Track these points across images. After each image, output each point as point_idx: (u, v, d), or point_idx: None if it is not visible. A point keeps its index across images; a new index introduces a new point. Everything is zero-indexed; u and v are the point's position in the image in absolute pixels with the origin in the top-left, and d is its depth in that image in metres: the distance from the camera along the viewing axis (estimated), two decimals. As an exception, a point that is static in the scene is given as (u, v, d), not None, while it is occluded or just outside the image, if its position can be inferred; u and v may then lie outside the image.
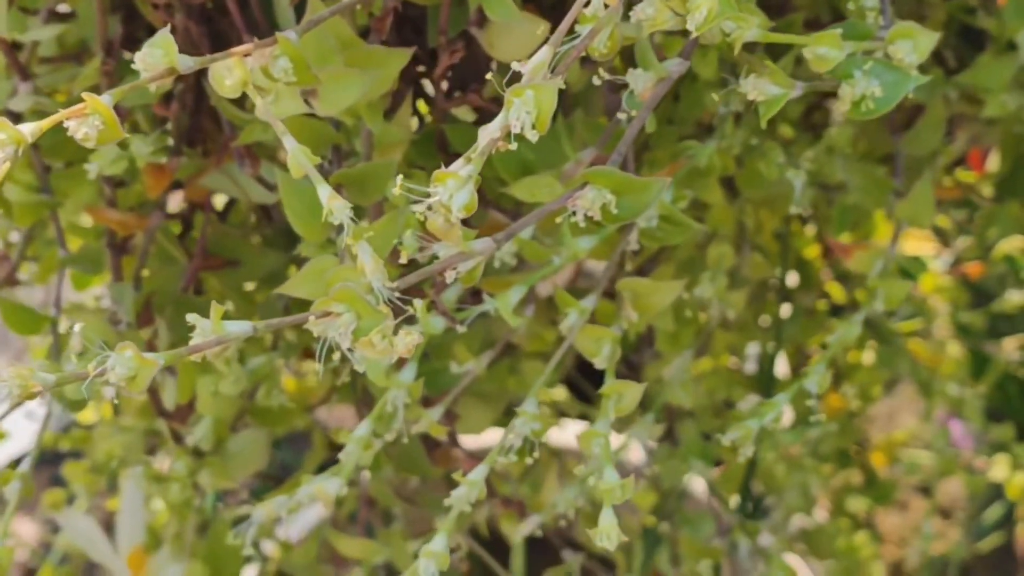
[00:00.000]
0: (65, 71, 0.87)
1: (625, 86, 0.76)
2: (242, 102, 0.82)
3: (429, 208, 0.62)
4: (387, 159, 0.80)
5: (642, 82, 0.70)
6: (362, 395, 1.02)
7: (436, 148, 0.86)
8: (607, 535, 0.71)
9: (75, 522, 1.16)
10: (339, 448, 1.10)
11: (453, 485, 0.75)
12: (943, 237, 1.37)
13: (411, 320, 0.81)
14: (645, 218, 0.80)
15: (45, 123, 0.58)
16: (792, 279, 1.30)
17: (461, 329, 0.79)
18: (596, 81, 0.70)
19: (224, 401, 0.87)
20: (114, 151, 0.81)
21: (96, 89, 0.81)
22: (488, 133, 0.60)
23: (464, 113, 0.91)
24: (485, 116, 0.86)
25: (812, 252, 1.32)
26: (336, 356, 0.64)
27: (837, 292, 1.34)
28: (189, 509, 0.99)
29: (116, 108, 0.80)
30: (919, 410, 1.65)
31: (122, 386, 0.60)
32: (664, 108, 0.91)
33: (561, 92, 0.63)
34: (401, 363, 0.81)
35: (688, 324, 1.01)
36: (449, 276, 0.66)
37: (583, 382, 1.32)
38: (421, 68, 0.88)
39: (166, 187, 0.85)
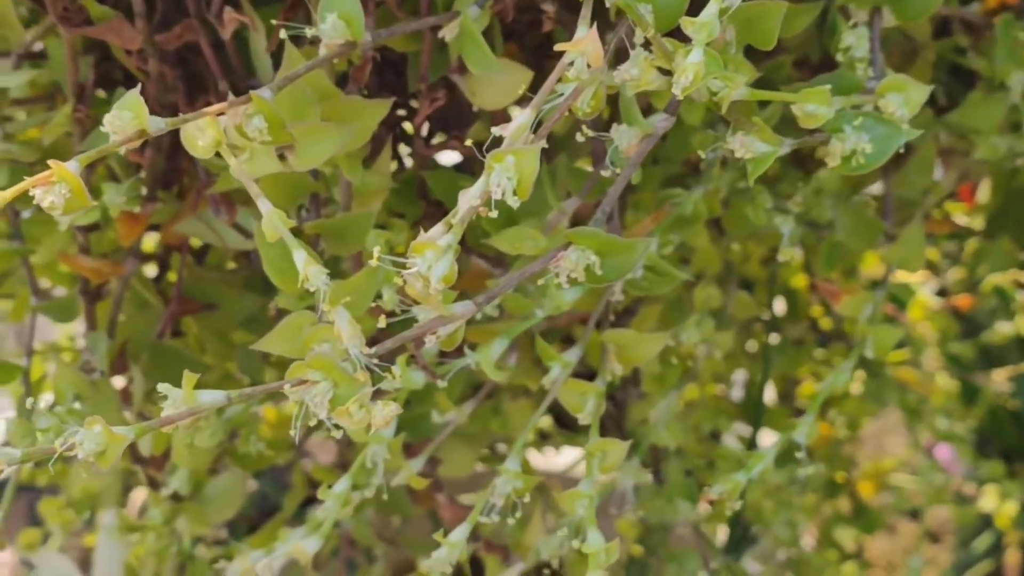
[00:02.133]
0: (37, 115, 0.85)
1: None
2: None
3: (406, 275, 0.60)
4: (366, 209, 0.78)
5: (627, 138, 0.68)
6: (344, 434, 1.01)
7: (416, 195, 0.84)
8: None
9: (50, 561, 1.14)
10: (319, 485, 1.10)
11: (436, 522, 0.73)
12: (933, 268, 1.36)
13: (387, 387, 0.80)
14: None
15: (9, 192, 0.55)
16: (779, 307, 1.28)
17: (442, 384, 0.77)
18: (580, 138, 0.68)
19: (199, 453, 0.85)
20: (86, 201, 0.79)
21: (67, 137, 0.80)
22: (468, 199, 0.59)
23: (446, 155, 0.90)
24: (467, 161, 0.85)
25: (799, 282, 1.30)
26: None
27: (824, 321, 1.32)
28: (167, 555, 0.97)
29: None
30: (907, 433, 1.64)
31: (91, 461, 0.58)
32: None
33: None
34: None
35: (673, 367, 1.00)
36: (429, 341, 0.64)
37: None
38: (401, 112, 0.86)
39: (139, 235, 0.83)
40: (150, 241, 0.95)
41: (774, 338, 1.27)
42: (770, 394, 1.34)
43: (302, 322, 0.70)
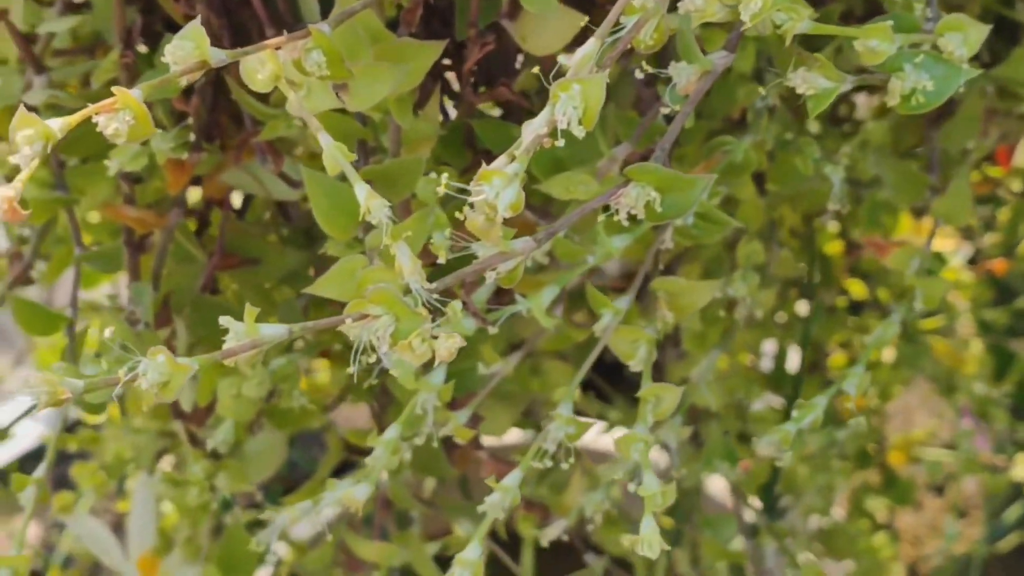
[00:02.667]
0: (79, 64, 0.84)
1: (657, 79, 0.74)
2: (264, 96, 0.80)
3: (470, 207, 0.60)
4: (416, 155, 0.77)
5: (686, 76, 0.68)
6: (379, 395, 1.00)
7: (463, 144, 0.83)
8: (648, 544, 0.69)
9: (84, 524, 1.14)
10: (354, 450, 1.09)
11: (466, 487, 0.72)
12: (968, 232, 1.35)
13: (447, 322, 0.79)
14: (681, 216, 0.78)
15: (74, 119, 0.55)
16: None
17: (493, 330, 0.77)
18: (639, 75, 0.68)
19: (245, 403, 0.85)
20: (134, 147, 0.79)
21: (114, 82, 0.79)
22: (533, 129, 0.58)
23: (487, 108, 0.89)
24: (512, 111, 0.84)
25: (833, 248, 1.30)
26: (369, 359, 0.61)
27: (858, 289, 1.32)
28: (206, 512, 0.97)
29: (137, 102, 0.79)
30: (935, 407, 1.63)
31: (154, 392, 0.57)
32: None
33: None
34: (430, 365, 0.79)
35: (715, 323, 0.99)
36: (489, 277, 0.63)
37: (599, 380, 1.30)
38: (447, 62, 0.85)
39: (186, 183, 0.82)
40: (191, 196, 0.94)
41: (804, 307, 1.27)
42: (796, 364, 1.33)
43: (355, 265, 0.69)
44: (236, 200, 0.96)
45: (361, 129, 0.78)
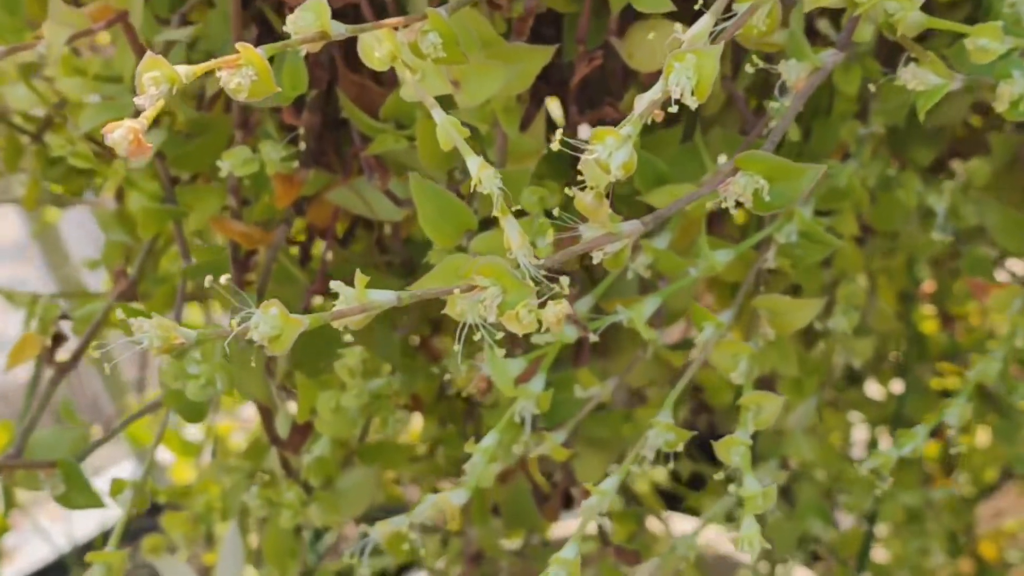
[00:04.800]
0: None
1: (764, 105, 0.75)
2: (375, 113, 0.81)
3: (580, 188, 0.61)
4: (521, 167, 0.78)
5: (795, 72, 0.69)
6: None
7: (567, 164, 0.84)
8: (749, 542, 0.68)
9: (174, 569, 1.14)
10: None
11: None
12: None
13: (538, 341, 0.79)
14: (784, 234, 0.78)
15: (199, 68, 0.56)
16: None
17: (593, 338, 0.77)
18: (749, 69, 0.68)
19: (344, 419, 0.85)
20: (246, 152, 0.80)
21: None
22: (648, 98, 0.59)
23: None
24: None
25: (929, 327, 1.29)
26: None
27: (953, 379, 1.30)
28: (298, 543, 0.96)
29: (246, 114, 0.81)
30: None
31: (264, 345, 0.58)
32: (791, 146, 0.89)
33: (698, 111, 0.61)
34: (529, 375, 0.79)
35: (813, 371, 0.99)
36: (596, 257, 0.64)
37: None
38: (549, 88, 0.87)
39: (294, 197, 0.83)
40: (295, 227, 0.96)
41: (898, 386, 1.26)
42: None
43: (459, 262, 0.69)
44: (342, 229, 0.97)
45: (469, 140, 0.79)
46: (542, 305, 0.60)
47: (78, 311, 0.90)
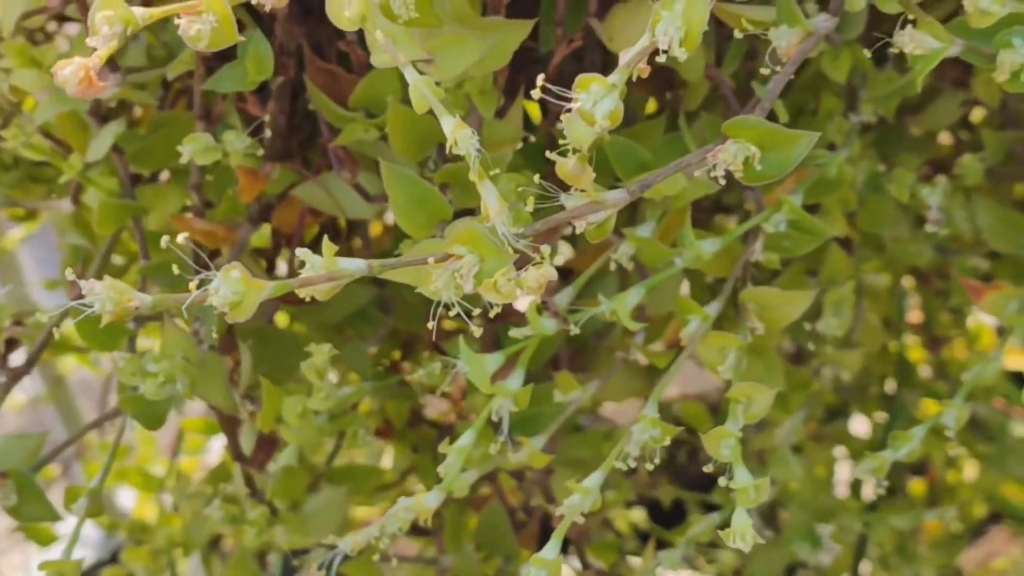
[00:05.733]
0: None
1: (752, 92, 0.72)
2: (343, 102, 0.78)
3: (560, 153, 0.57)
4: (498, 154, 0.75)
5: (786, 39, 0.65)
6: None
7: (543, 153, 0.81)
8: (741, 536, 0.64)
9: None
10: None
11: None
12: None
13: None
14: (773, 223, 0.75)
15: (156, 11, 0.53)
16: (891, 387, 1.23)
17: (574, 330, 0.73)
18: (738, 34, 0.65)
19: (311, 426, 0.81)
20: (208, 139, 0.76)
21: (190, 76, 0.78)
22: (635, 48, 0.55)
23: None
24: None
25: (915, 355, 1.26)
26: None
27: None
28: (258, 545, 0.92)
29: (209, 103, 0.77)
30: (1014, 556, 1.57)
31: (225, 311, 0.54)
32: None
33: (681, 103, 0.58)
34: (506, 372, 0.75)
35: (800, 387, 0.95)
36: (579, 226, 0.60)
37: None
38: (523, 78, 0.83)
39: (260, 192, 0.80)
40: (257, 241, 0.92)
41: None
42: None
43: (432, 248, 0.65)
44: (310, 236, 0.94)
45: (439, 133, 0.75)
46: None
47: (31, 319, 0.85)
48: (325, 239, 0.57)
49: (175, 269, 0.57)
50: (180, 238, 0.55)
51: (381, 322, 0.91)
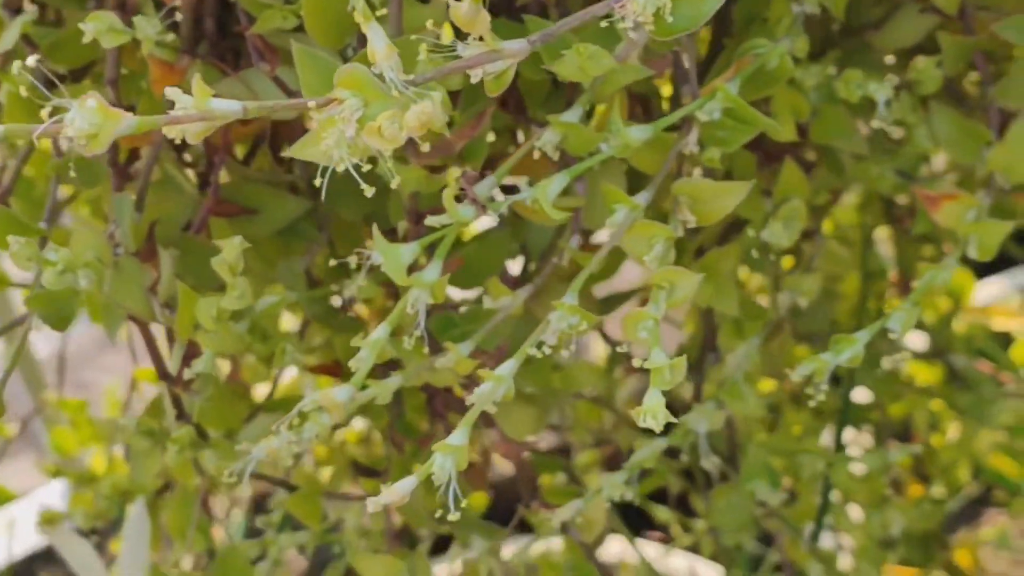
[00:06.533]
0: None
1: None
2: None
3: None
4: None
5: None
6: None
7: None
8: (652, 414, 0.60)
9: (70, 543, 1.06)
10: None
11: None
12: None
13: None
14: (707, 111, 0.71)
15: None
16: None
17: (492, 219, 0.70)
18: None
19: (228, 332, 0.77)
20: (115, 20, 0.73)
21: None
22: None
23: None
24: (531, 11, 0.77)
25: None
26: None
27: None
28: (189, 473, 0.88)
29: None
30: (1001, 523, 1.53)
31: (81, 144, 0.51)
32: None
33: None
34: (423, 260, 0.72)
35: (755, 316, 0.91)
36: (475, 76, 0.57)
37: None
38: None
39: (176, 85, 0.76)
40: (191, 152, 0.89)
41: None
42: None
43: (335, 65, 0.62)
44: (242, 151, 0.91)
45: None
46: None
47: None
48: (198, 82, 0.53)
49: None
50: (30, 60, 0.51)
51: (314, 237, 0.88)
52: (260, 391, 1.02)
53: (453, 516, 0.62)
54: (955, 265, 0.78)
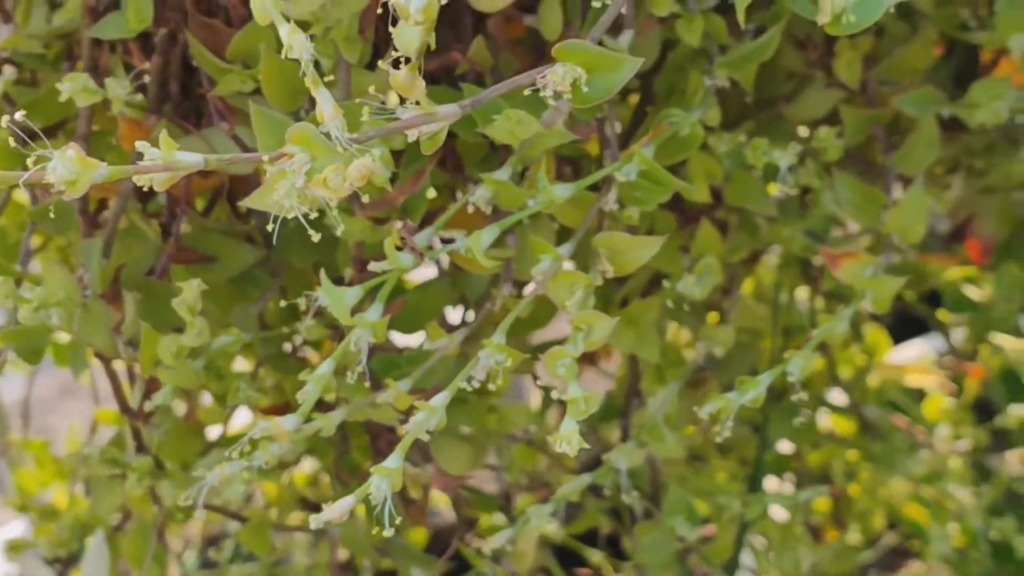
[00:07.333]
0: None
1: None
2: (222, 55, 0.82)
3: (394, 65, 0.61)
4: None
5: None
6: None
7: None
8: (567, 441, 0.67)
9: (35, 570, 1.11)
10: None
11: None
12: (942, 329, 1.35)
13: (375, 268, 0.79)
14: (624, 173, 0.78)
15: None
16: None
17: (434, 270, 0.77)
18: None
19: (186, 368, 0.83)
20: (88, 81, 0.80)
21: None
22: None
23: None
24: (469, 79, 0.85)
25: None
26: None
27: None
28: (147, 505, 0.94)
29: (96, 55, 0.81)
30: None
31: (60, 190, 0.57)
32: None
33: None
34: (367, 304, 0.79)
35: (675, 363, 0.98)
36: (412, 135, 0.64)
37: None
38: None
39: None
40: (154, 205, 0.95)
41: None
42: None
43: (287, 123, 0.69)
44: (202, 204, 0.97)
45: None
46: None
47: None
48: (164, 136, 0.60)
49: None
50: (18, 115, 0.58)
51: (268, 284, 0.94)
52: (214, 432, 1.07)
53: (388, 532, 0.67)
54: (850, 316, 0.85)
